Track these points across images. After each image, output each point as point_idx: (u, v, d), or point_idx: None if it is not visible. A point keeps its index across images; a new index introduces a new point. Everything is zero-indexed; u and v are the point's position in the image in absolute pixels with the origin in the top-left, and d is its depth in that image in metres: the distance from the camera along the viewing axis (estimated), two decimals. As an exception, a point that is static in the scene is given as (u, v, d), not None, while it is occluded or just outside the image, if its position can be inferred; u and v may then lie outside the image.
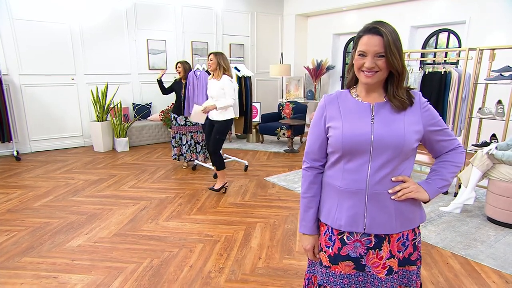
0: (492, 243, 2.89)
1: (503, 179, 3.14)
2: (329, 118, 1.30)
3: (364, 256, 1.28)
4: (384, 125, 1.21)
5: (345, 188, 1.26)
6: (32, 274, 2.44)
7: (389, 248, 1.28)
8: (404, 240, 1.29)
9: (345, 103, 1.28)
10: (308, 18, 8.42)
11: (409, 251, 1.30)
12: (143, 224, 3.25)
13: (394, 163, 1.21)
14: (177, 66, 4.80)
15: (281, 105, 7.05)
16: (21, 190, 4.10)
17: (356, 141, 1.21)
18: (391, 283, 1.29)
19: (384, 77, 1.21)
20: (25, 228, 3.15)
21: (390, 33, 1.15)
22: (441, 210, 3.53)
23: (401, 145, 1.19)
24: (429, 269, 2.52)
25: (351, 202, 1.25)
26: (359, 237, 1.28)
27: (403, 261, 1.31)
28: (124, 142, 6.01)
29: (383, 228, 1.25)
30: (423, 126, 1.24)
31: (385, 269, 1.28)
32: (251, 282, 2.38)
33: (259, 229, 3.16)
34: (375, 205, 1.24)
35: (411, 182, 1.25)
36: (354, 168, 1.24)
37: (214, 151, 3.90)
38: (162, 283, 2.36)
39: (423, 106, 1.25)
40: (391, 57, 1.15)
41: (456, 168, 1.31)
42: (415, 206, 1.30)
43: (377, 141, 1.19)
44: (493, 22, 5.35)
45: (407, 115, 1.22)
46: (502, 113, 3.63)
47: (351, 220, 1.26)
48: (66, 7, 5.81)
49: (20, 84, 5.63)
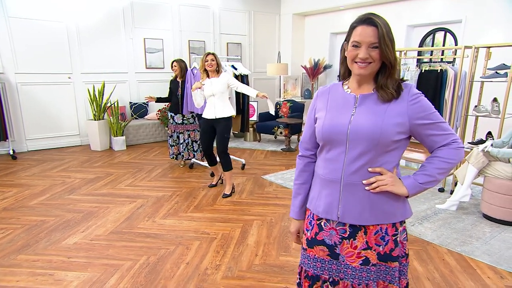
0: (488, 239, 2.90)
1: (498, 176, 3.16)
2: (318, 109, 1.34)
3: (338, 245, 1.30)
4: (363, 117, 1.20)
5: (324, 177, 1.30)
6: (28, 272, 2.43)
7: (365, 239, 1.27)
8: (382, 234, 1.27)
9: (334, 95, 1.31)
10: (305, 17, 8.43)
11: (390, 246, 1.27)
12: (140, 222, 3.24)
13: (370, 155, 1.20)
14: (173, 65, 4.79)
15: (279, 104, 7.06)
16: (17, 188, 4.09)
17: (333, 132, 1.23)
18: (368, 274, 1.28)
19: (377, 69, 1.21)
20: (21, 226, 3.14)
21: (384, 25, 1.16)
22: (437, 208, 3.54)
23: (377, 136, 1.17)
24: (425, 265, 2.53)
25: (328, 191, 1.29)
26: (334, 225, 1.30)
27: (384, 256, 1.28)
28: (121, 141, 6.00)
29: (356, 219, 1.25)
30: (409, 119, 1.20)
31: (359, 259, 1.28)
32: (248, 279, 2.38)
33: (256, 227, 3.16)
34: (349, 195, 1.25)
35: (388, 175, 1.22)
36: (333, 157, 1.26)
37: (224, 151, 3.84)
38: (159, 280, 2.36)
39: (412, 98, 1.21)
40: (385, 48, 1.15)
41: (446, 164, 1.24)
42: (394, 201, 1.26)
43: (353, 132, 1.20)
44: (489, 21, 5.38)
45: (391, 107, 1.20)
46: (497, 111, 3.65)
47: (327, 208, 1.29)
48: (63, 6, 5.79)
49: (16, 83, 5.60)
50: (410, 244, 2.84)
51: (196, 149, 5.00)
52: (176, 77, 4.83)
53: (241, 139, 7.01)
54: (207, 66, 3.72)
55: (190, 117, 4.88)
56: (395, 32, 1.18)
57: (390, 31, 1.17)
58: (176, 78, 4.84)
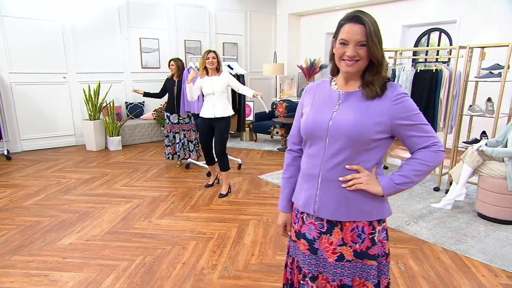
0: (482, 238, 2.93)
1: (493, 175, 3.18)
2: (304, 105, 1.36)
3: (317, 240, 1.32)
4: (344, 114, 1.21)
5: (305, 171, 1.33)
6: (23, 273, 2.42)
7: (341, 236, 1.28)
8: (359, 231, 1.26)
9: (321, 92, 1.32)
10: (301, 17, 8.45)
11: (366, 244, 1.27)
12: (136, 222, 3.23)
13: (348, 152, 1.21)
14: (170, 63, 4.77)
15: (275, 104, 7.06)
16: (11, 189, 4.06)
17: (314, 128, 1.25)
18: (342, 270, 1.29)
19: (364, 66, 1.21)
20: (15, 226, 3.12)
21: (371, 23, 1.16)
22: (433, 207, 3.56)
23: (355, 134, 1.18)
24: (420, 264, 2.55)
25: (308, 185, 1.31)
26: (313, 220, 1.32)
27: (360, 254, 1.28)
28: (117, 141, 5.98)
29: (331, 214, 1.27)
30: (390, 119, 1.19)
31: (335, 255, 1.29)
32: (244, 278, 2.38)
33: (252, 226, 3.16)
34: (325, 190, 1.26)
35: (365, 173, 1.22)
36: (313, 153, 1.28)
37: (223, 151, 3.82)
38: (155, 280, 2.35)
39: (395, 98, 1.20)
40: (372, 46, 1.16)
41: (423, 166, 1.22)
42: (370, 199, 1.25)
43: (333, 129, 1.21)
44: (483, 22, 5.42)
45: (373, 106, 1.20)
46: (491, 111, 3.68)
47: (306, 202, 1.32)
48: (58, 5, 5.76)
49: (10, 82, 5.56)
50: (405, 243, 2.86)
51: (192, 149, 4.99)
52: (173, 76, 4.82)
53: (237, 139, 7.01)
54: (208, 64, 3.66)
55: (185, 116, 4.87)
56: (390, 32, 1.20)
57: (378, 29, 1.17)
58: (173, 77, 4.82)
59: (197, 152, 5.04)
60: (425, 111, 4.14)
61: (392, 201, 3.72)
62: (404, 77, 4.22)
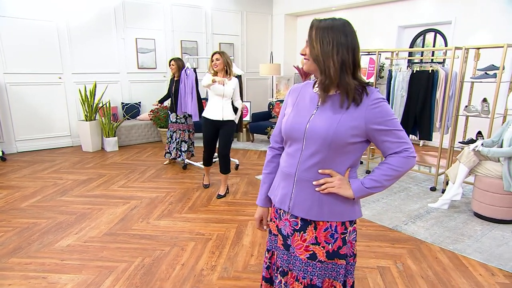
0: (479, 237, 2.95)
1: (489, 175, 3.21)
2: (287, 105, 1.41)
3: (290, 237, 1.36)
4: (320, 118, 1.25)
5: (283, 170, 1.37)
6: (20, 275, 2.40)
7: (314, 234, 1.31)
8: (332, 231, 1.30)
9: (304, 94, 1.36)
10: (297, 17, 8.47)
11: (338, 244, 1.31)
12: (134, 223, 3.22)
13: (323, 154, 1.24)
14: (171, 63, 4.79)
15: (271, 104, 7.07)
16: (7, 190, 4.02)
17: (293, 129, 1.30)
18: (313, 269, 1.32)
19: (312, 67, 1.26)
20: (12, 228, 3.09)
21: (320, 25, 1.21)
22: (430, 206, 3.59)
23: (331, 138, 1.21)
24: (418, 264, 2.57)
25: (285, 183, 1.36)
26: (288, 216, 1.37)
27: (332, 254, 1.31)
28: (113, 142, 5.95)
29: (305, 212, 1.31)
30: (365, 123, 1.21)
31: (307, 252, 1.32)
32: (244, 279, 2.38)
33: (251, 227, 3.17)
34: (300, 189, 1.31)
35: (337, 177, 1.26)
36: (291, 153, 1.33)
37: (227, 153, 3.82)
38: (154, 282, 2.35)
39: (373, 103, 1.22)
40: (310, 46, 1.22)
41: (393, 171, 1.26)
42: (341, 201, 1.29)
43: (309, 132, 1.25)
44: (478, 23, 5.47)
45: (349, 110, 1.22)
46: (487, 111, 3.72)
47: (281, 198, 1.37)
48: (53, 5, 5.72)
49: (5, 83, 5.52)
50: (403, 242, 2.88)
51: (184, 150, 4.98)
52: (174, 75, 4.84)
53: (234, 140, 7.00)
54: (213, 66, 3.63)
55: (181, 116, 4.87)
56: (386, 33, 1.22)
57: (329, 33, 1.19)
58: (174, 76, 4.85)
59: (190, 152, 5.03)
60: (421, 111, 4.17)
61: (389, 201, 3.74)
62: (401, 77, 4.25)
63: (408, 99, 4.24)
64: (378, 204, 3.65)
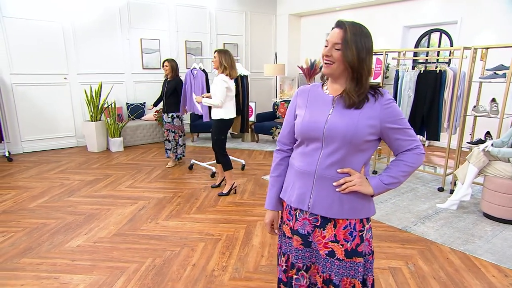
0: (489, 238, 2.94)
1: (498, 176, 3.20)
2: (298, 107, 1.42)
3: (311, 234, 1.38)
4: (338, 117, 1.28)
5: (299, 169, 1.37)
6: (32, 275, 2.40)
7: (333, 232, 1.34)
8: (351, 229, 1.33)
9: (314, 95, 1.38)
10: (301, 18, 8.46)
11: (356, 241, 1.34)
12: (143, 224, 3.22)
13: (343, 152, 1.27)
14: (165, 64, 4.77)
15: (276, 105, 7.07)
16: (15, 191, 4.03)
17: (310, 129, 1.31)
18: (331, 265, 1.35)
19: (339, 70, 1.27)
20: (21, 229, 3.09)
21: (352, 29, 1.22)
22: (438, 207, 3.58)
23: (350, 136, 1.24)
24: (430, 265, 2.56)
25: (302, 182, 1.36)
26: (307, 215, 1.37)
27: (350, 252, 1.34)
28: (119, 142, 5.95)
29: (325, 211, 1.32)
30: (380, 122, 1.27)
31: (326, 249, 1.35)
32: (256, 280, 2.38)
33: (260, 227, 3.16)
34: (320, 187, 1.32)
35: (356, 175, 1.30)
36: (309, 152, 1.34)
37: (217, 151, 3.92)
38: (166, 282, 2.34)
39: (386, 103, 1.28)
40: (345, 51, 1.22)
41: (408, 168, 1.32)
42: (361, 198, 1.33)
43: (328, 131, 1.27)
44: (484, 22, 5.45)
45: (365, 109, 1.27)
46: (496, 111, 3.70)
47: (300, 198, 1.37)
48: (58, 5, 5.73)
49: (11, 84, 5.52)
50: (413, 243, 2.87)
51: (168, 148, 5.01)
52: (167, 76, 4.83)
53: (239, 140, 7.00)
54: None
55: (169, 116, 4.87)
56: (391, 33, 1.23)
57: (361, 38, 1.22)
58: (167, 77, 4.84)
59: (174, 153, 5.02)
60: (428, 111, 4.16)
61: (397, 201, 3.73)
62: (408, 77, 4.23)
63: (416, 99, 4.23)
64: (387, 205, 3.64)
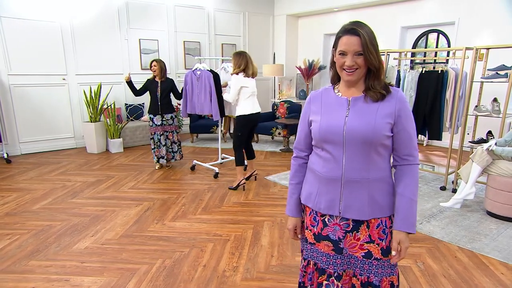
0: (495, 236, 2.98)
1: (502, 174, 3.25)
2: (312, 112, 1.42)
3: (342, 240, 1.39)
4: (357, 118, 1.29)
5: (324, 175, 1.37)
6: (42, 278, 2.37)
7: (368, 233, 1.36)
8: (383, 227, 1.36)
9: (327, 99, 1.39)
10: (299, 18, 8.49)
11: (388, 238, 1.37)
12: (149, 225, 3.20)
13: (367, 152, 1.29)
14: (153, 64, 4.69)
15: (275, 105, 7.08)
16: (16, 193, 3.98)
17: (329, 133, 1.32)
18: (369, 267, 1.37)
19: (363, 73, 1.31)
20: (27, 231, 3.06)
21: (366, 33, 1.25)
22: (442, 206, 3.61)
23: (370, 135, 1.26)
24: (439, 263, 2.58)
25: (329, 188, 1.36)
26: (338, 220, 1.39)
27: (386, 250, 1.36)
28: (118, 143, 5.91)
29: (357, 214, 1.34)
30: (396, 110, 1.30)
31: (362, 251, 1.37)
32: (268, 280, 2.38)
33: (267, 228, 3.16)
34: (349, 191, 1.33)
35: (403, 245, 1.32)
36: (332, 157, 1.34)
37: (233, 147, 4.14)
38: (178, 283, 2.33)
39: (401, 101, 1.30)
40: (368, 55, 1.25)
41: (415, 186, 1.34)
42: (387, 196, 1.36)
43: (348, 133, 1.28)
44: (481, 23, 5.52)
45: (381, 107, 1.29)
46: (498, 111, 3.75)
47: (329, 204, 1.37)
48: (57, 6, 5.67)
49: (9, 84, 5.45)
50: (421, 242, 2.90)
51: (175, 150, 4.96)
52: (155, 77, 4.74)
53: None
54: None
55: (169, 118, 4.83)
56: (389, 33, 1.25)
57: (373, 38, 1.26)
58: (155, 78, 4.75)
59: (180, 153, 5.01)
60: (430, 111, 4.20)
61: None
62: (410, 78, 4.27)
63: (417, 99, 4.27)
64: (391, 204, 3.67)
